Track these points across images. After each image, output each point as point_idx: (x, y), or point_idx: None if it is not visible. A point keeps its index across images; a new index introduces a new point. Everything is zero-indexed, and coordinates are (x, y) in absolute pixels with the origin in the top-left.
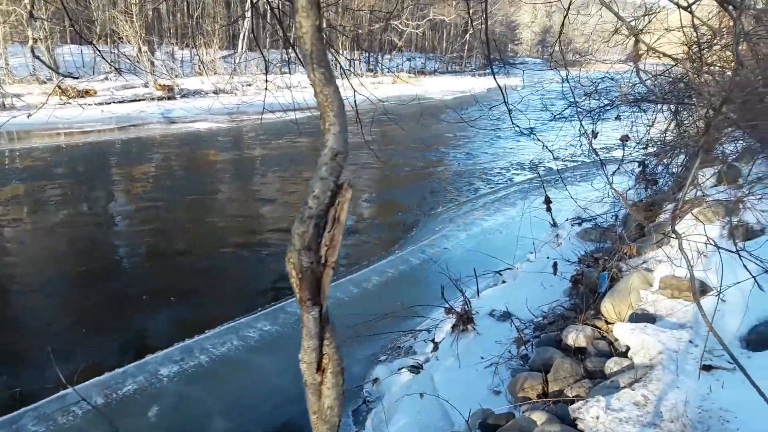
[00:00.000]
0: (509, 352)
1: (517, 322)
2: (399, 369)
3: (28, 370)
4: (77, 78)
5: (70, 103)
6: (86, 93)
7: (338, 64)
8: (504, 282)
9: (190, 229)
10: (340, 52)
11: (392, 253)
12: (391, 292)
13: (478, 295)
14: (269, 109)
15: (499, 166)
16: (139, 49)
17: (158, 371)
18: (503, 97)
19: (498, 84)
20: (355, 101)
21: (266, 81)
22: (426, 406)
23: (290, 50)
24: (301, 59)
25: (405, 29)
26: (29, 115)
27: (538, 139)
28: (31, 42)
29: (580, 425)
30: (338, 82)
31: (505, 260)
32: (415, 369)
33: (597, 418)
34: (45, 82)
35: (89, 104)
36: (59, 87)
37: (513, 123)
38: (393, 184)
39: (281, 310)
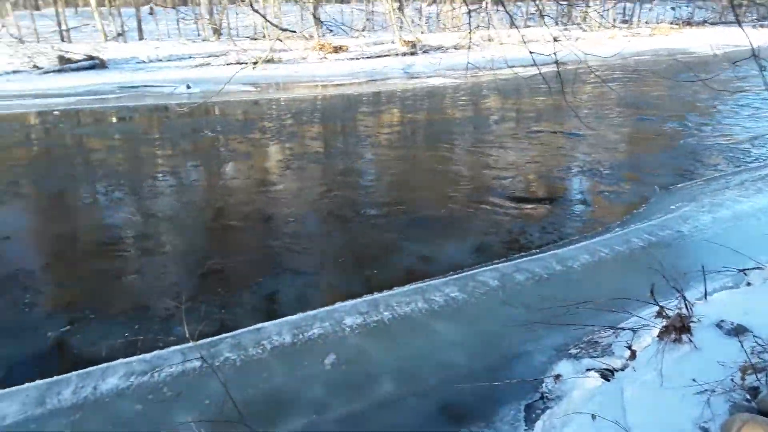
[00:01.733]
0: (732, 379)
1: (754, 341)
2: (587, 370)
3: (295, 286)
4: (294, 32)
5: (326, 58)
6: (340, 49)
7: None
8: (749, 285)
9: (418, 178)
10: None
11: (611, 230)
12: (598, 276)
13: (705, 297)
14: (508, 65)
15: None
16: (391, 7)
17: (343, 320)
18: None
19: None
20: (556, 59)
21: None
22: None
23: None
24: None
25: None
26: (254, 67)
27: None
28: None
29: None
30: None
31: (756, 257)
32: (607, 374)
33: None
34: (308, 38)
35: (341, 59)
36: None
37: None
38: (622, 150)
39: (471, 278)
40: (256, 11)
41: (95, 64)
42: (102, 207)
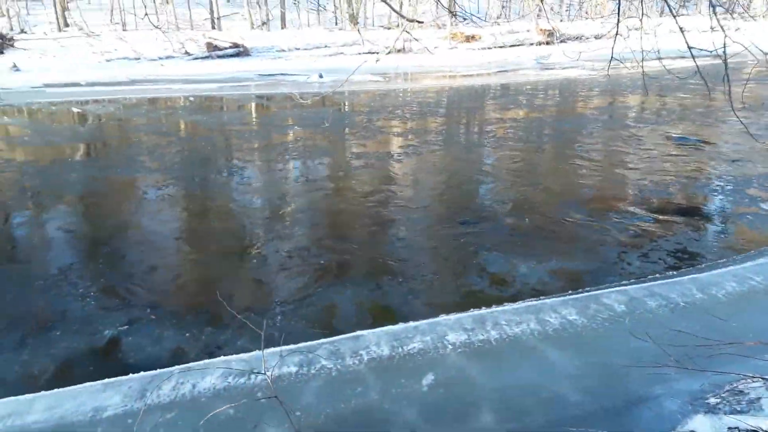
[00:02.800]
0: None
1: None
2: (729, 429)
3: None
4: (421, 22)
5: (456, 47)
6: (472, 38)
7: None
8: None
9: (540, 180)
10: None
11: (765, 254)
12: (747, 311)
13: None
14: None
15: None
16: None
17: (446, 335)
18: None
19: None
20: (724, 51)
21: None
22: None
23: None
24: None
25: None
26: (377, 60)
27: None
28: None
29: None
30: None
31: None
32: None
33: None
34: (440, 27)
35: (473, 48)
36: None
37: None
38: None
39: (594, 300)
40: (384, 0)
41: (239, 51)
42: (232, 188)
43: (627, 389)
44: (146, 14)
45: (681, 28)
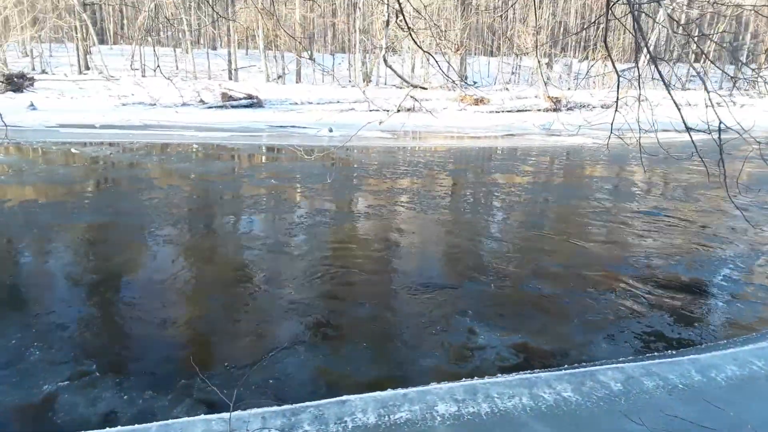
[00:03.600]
0: None
1: None
2: None
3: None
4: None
5: (465, 110)
6: (481, 101)
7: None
8: None
9: (539, 247)
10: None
11: (767, 338)
12: (748, 397)
13: None
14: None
15: None
16: (539, 62)
17: (435, 405)
18: None
19: None
20: (719, 134)
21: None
22: None
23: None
24: None
25: None
26: (380, 122)
27: None
28: (383, 52)
29: None
30: None
31: None
32: None
33: None
34: (449, 90)
35: (481, 111)
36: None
37: None
38: None
39: (590, 376)
40: (389, 66)
41: (253, 102)
42: (238, 237)
43: None
44: (158, 66)
45: (677, 105)
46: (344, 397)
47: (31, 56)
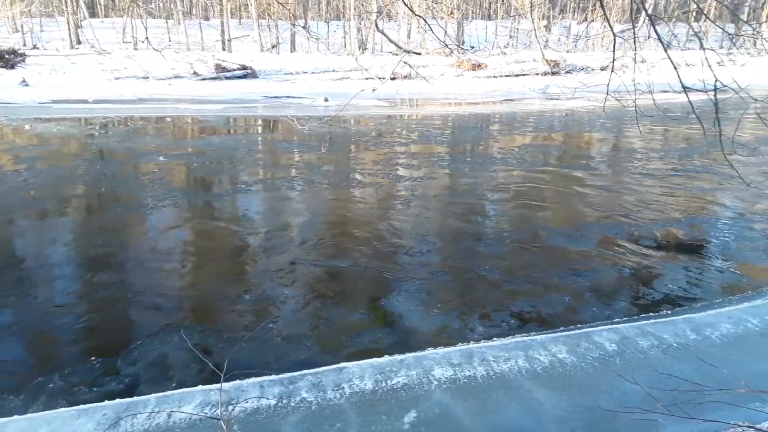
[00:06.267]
0: None
1: None
2: None
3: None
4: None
5: (462, 75)
6: (478, 66)
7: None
8: None
9: (537, 209)
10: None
11: (763, 295)
12: (742, 354)
13: None
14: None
15: None
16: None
17: (432, 370)
18: None
19: None
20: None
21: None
22: None
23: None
24: None
25: None
26: (374, 89)
27: None
28: (375, 17)
29: None
30: None
31: None
32: None
33: None
34: (446, 56)
35: (479, 77)
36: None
37: None
38: None
39: (585, 337)
40: (381, 32)
41: (247, 73)
42: (243, 200)
43: None
44: (146, 38)
45: (674, 65)
46: (341, 365)
47: (21, 32)
